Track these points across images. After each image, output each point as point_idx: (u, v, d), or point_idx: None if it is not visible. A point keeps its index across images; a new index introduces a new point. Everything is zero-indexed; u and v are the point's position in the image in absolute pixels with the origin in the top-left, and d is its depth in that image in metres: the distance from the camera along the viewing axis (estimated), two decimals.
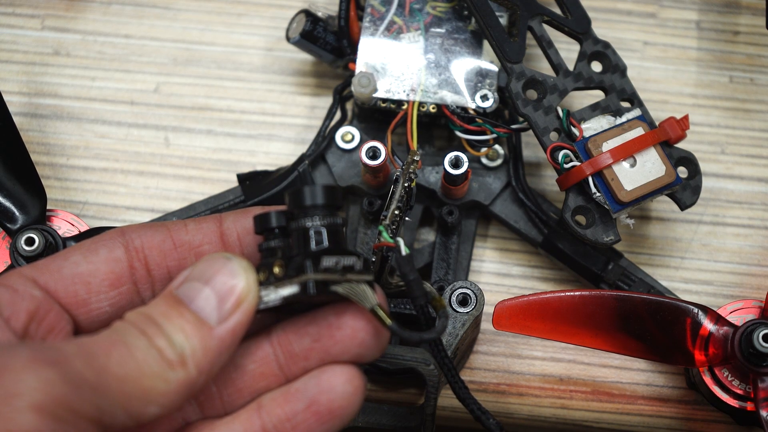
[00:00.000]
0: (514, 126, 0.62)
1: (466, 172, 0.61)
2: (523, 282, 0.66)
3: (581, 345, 0.59)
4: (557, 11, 0.63)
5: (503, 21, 0.62)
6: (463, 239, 0.65)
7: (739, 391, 0.59)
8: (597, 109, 0.61)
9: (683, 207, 0.61)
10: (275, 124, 0.69)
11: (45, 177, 0.64)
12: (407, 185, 0.53)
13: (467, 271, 0.65)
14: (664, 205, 0.66)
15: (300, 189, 0.43)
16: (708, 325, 0.57)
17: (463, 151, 0.61)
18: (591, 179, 0.59)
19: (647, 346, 0.58)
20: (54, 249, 0.61)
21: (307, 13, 0.65)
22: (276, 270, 0.43)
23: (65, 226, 0.63)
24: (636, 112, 0.61)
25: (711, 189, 0.67)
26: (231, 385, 0.45)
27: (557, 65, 0.62)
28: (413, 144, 0.62)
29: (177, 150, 0.68)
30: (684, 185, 0.61)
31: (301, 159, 0.64)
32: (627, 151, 0.59)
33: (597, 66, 0.62)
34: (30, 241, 0.60)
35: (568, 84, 0.61)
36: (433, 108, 0.63)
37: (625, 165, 0.59)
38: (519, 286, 0.66)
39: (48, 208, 0.62)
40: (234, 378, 0.45)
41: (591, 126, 0.60)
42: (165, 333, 0.41)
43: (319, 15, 0.65)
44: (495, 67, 0.63)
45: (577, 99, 0.67)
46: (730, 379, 0.59)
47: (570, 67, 0.62)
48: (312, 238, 0.43)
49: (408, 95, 0.63)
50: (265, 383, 0.45)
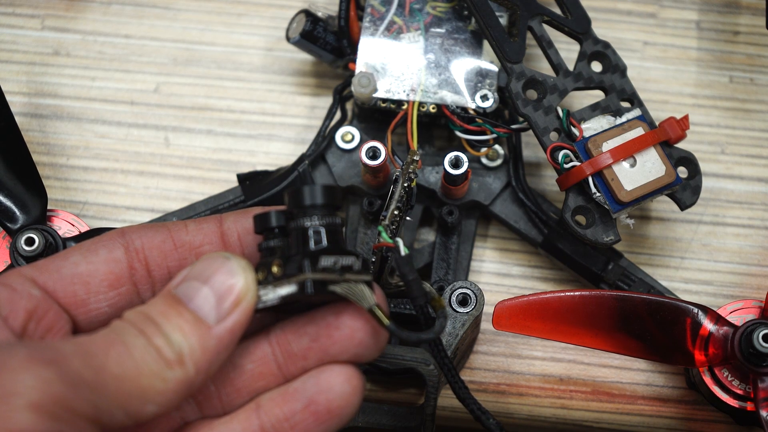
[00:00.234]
0: (514, 126, 0.62)
1: (466, 172, 0.61)
2: (523, 282, 0.66)
3: (581, 345, 0.59)
4: (557, 11, 0.63)
5: (503, 21, 0.62)
6: (463, 239, 0.65)
7: (739, 391, 0.59)
8: (597, 109, 0.61)
9: (683, 207, 0.61)
10: (275, 124, 0.69)
11: (45, 177, 0.64)
12: (407, 185, 0.53)
13: (467, 271, 0.65)
14: (664, 205, 0.66)
15: (299, 189, 0.43)
16: (708, 325, 0.57)
17: (463, 151, 0.61)
18: (591, 179, 0.59)
19: (647, 346, 0.58)
20: (54, 249, 0.61)
21: (307, 13, 0.65)
22: (274, 269, 0.43)
23: (65, 226, 0.63)
24: (636, 112, 0.61)
25: (711, 189, 0.67)
26: (229, 385, 0.45)
27: (557, 65, 0.62)
28: (413, 144, 0.62)
29: (177, 150, 0.68)
30: (684, 185, 0.61)
31: (301, 159, 0.64)
32: (627, 151, 0.59)
33: (597, 66, 0.62)
34: (30, 241, 0.60)
35: (568, 84, 0.61)
36: (433, 108, 0.63)
37: (625, 165, 0.59)
38: (519, 286, 0.66)
39: (48, 208, 0.62)
40: (232, 378, 0.45)
41: (591, 126, 0.60)
42: (163, 332, 0.41)
43: (319, 15, 0.65)
44: (495, 67, 0.63)
45: (577, 99, 0.67)
46: (730, 379, 0.59)
47: (570, 67, 0.62)
48: (311, 237, 0.43)
49: (408, 95, 0.63)
50: (264, 383, 0.45)
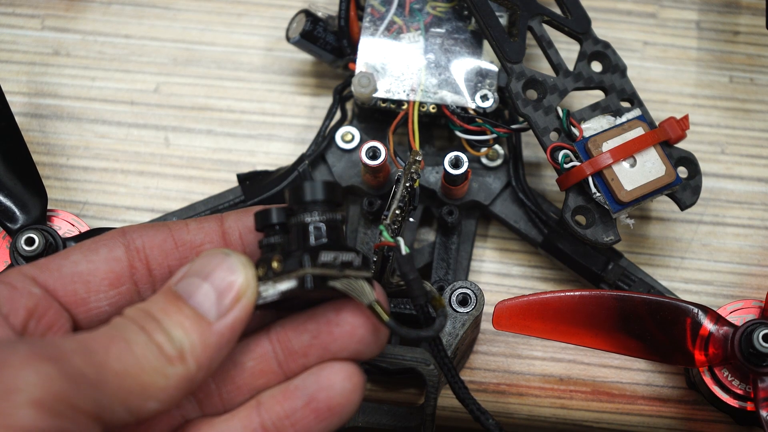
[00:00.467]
0: (514, 126, 0.62)
1: (466, 172, 0.61)
2: (523, 282, 0.66)
3: (581, 345, 0.59)
4: (557, 11, 0.63)
5: (503, 21, 0.62)
6: (463, 239, 0.65)
7: (739, 391, 0.59)
8: (597, 109, 0.61)
9: (683, 207, 0.61)
10: (275, 124, 0.69)
11: (45, 177, 0.64)
12: (409, 185, 0.53)
13: (467, 271, 0.65)
14: (664, 205, 0.66)
15: (300, 185, 0.43)
16: (708, 325, 0.57)
17: (463, 151, 0.61)
18: (591, 179, 0.59)
19: (647, 346, 0.58)
20: (54, 249, 0.61)
21: (307, 13, 0.65)
22: (274, 265, 0.43)
23: (65, 226, 0.63)
24: (636, 112, 0.61)
25: (711, 189, 0.67)
26: (230, 383, 0.45)
27: (557, 65, 0.62)
28: (415, 144, 0.62)
29: (177, 150, 0.68)
30: (684, 185, 0.61)
31: (301, 159, 0.64)
32: (627, 151, 0.59)
33: (597, 66, 0.62)
34: (30, 241, 0.60)
35: (568, 84, 0.61)
36: (433, 108, 0.63)
37: (625, 165, 0.59)
38: (519, 286, 0.66)
39: (48, 208, 0.62)
40: (233, 375, 0.45)
41: (591, 126, 0.60)
42: (164, 328, 0.41)
43: (319, 15, 0.65)
44: (495, 67, 0.63)
45: (577, 99, 0.67)
46: (730, 379, 0.59)
47: (570, 67, 0.62)
48: (311, 233, 0.43)
49: (408, 95, 0.63)
50: (264, 380, 0.45)
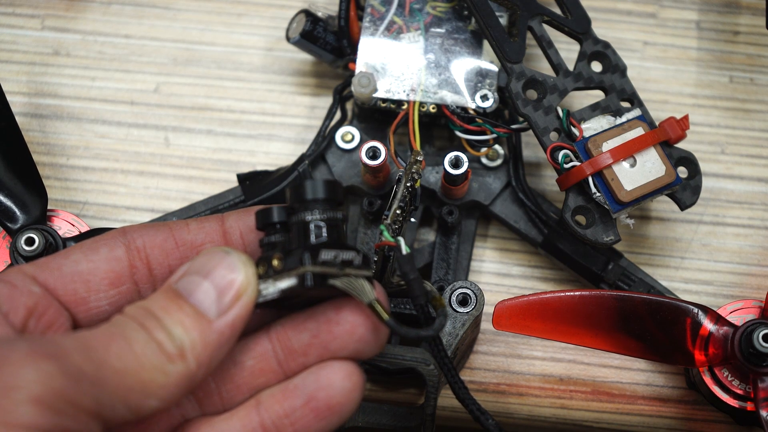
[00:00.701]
0: (514, 126, 0.62)
1: (466, 172, 0.61)
2: (523, 282, 0.66)
3: (581, 345, 0.59)
4: (557, 11, 0.63)
5: (503, 21, 0.62)
6: (463, 239, 0.65)
7: (739, 391, 0.59)
8: (597, 109, 0.61)
9: (683, 207, 0.61)
10: (275, 124, 0.69)
11: (45, 177, 0.64)
12: (410, 185, 0.53)
13: (467, 271, 0.65)
14: (664, 205, 0.66)
15: (301, 183, 0.44)
16: (708, 325, 0.57)
17: (463, 151, 0.61)
18: (591, 179, 0.59)
19: (647, 346, 0.58)
20: (54, 249, 0.61)
21: (307, 13, 0.65)
22: (275, 263, 0.43)
23: (66, 226, 0.63)
24: (636, 112, 0.61)
25: (711, 189, 0.67)
26: (230, 382, 0.45)
27: (557, 65, 0.62)
28: (416, 144, 0.62)
29: (177, 150, 0.68)
30: (684, 185, 0.61)
31: (301, 159, 0.64)
32: (627, 151, 0.59)
33: (597, 66, 0.62)
34: (30, 241, 0.60)
35: (568, 84, 0.61)
36: (433, 108, 0.63)
37: (625, 165, 0.59)
38: (519, 286, 0.66)
39: (48, 208, 0.62)
40: (233, 374, 0.45)
41: (591, 126, 0.60)
42: (164, 326, 0.41)
43: (319, 15, 0.65)
44: (495, 67, 0.63)
45: (577, 99, 0.67)
46: (730, 379, 0.59)
47: (570, 67, 0.62)
48: (312, 231, 0.43)
49: (408, 95, 0.63)
50: (264, 379, 0.45)
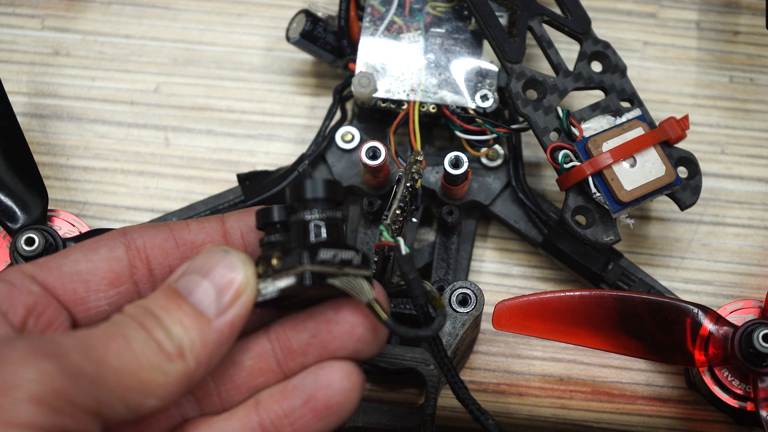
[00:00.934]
0: (514, 126, 0.62)
1: (466, 172, 0.61)
2: (523, 282, 0.66)
3: (581, 345, 0.59)
4: (557, 11, 0.63)
5: (503, 21, 0.62)
6: (463, 239, 0.65)
7: (739, 391, 0.59)
8: (597, 109, 0.61)
9: (683, 207, 0.61)
10: (275, 124, 0.69)
11: (45, 177, 0.64)
12: (410, 185, 0.53)
13: (467, 271, 0.65)
14: (664, 205, 0.66)
15: (301, 182, 0.44)
16: (708, 325, 0.57)
17: (463, 151, 0.61)
18: (591, 179, 0.58)
19: (647, 346, 0.58)
20: (54, 249, 0.61)
21: (307, 13, 0.65)
22: (274, 262, 0.43)
23: (66, 226, 0.63)
24: (636, 112, 0.61)
25: (711, 189, 0.67)
26: (229, 381, 0.45)
27: (557, 65, 0.62)
28: (417, 144, 0.62)
29: (177, 150, 0.68)
30: (684, 185, 0.61)
31: (301, 159, 0.64)
32: (627, 151, 0.59)
33: (597, 66, 0.62)
34: (30, 241, 0.60)
35: (568, 84, 0.61)
36: (433, 108, 0.63)
37: (625, 165, 0.59)
38: (519, 286, 0.66)
39: (49, 208, 0.62)
40: (232, 374, 0.45)
41: (591, 126, 0.60)
42: (163, 325, 0.41)
43: (319, 15, 0.65)
44: (495, 67, 0.63)
45: (577, 99, 0.67)
46: (730, 379, 0.59)
47: (570, 67, 0.62)
48: (311, 231, 0.43)
49: (408, 95, 0.63)
50: (263, 379, 0.45)
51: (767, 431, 0.56)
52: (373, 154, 0.60)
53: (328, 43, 0.65)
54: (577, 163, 0.59)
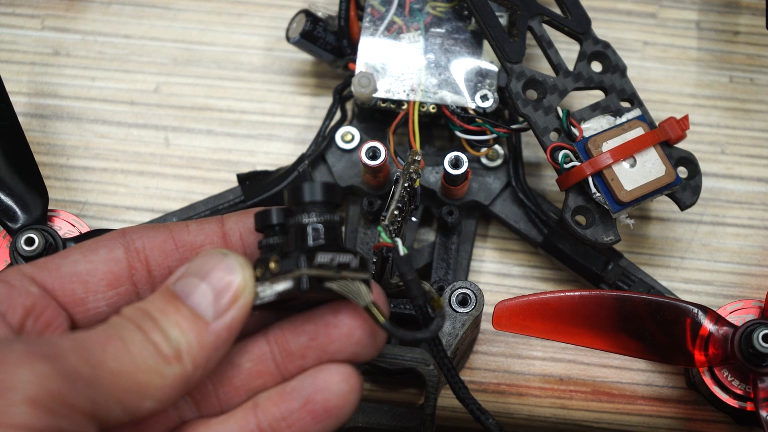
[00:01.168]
0: (514, 126, 0.62)
1: (466, 172, 0.61)
2: (523, 282, 0.66)
3: (581, 345, 0.59)
4: (557, 11, 0.63)
5: (503, 21, 0.62)
6: (463, 239, 0.65)
7: (739, 391, 0.59)
8: (597, 109, 0.61)
9: (683, 207, 0.61)
10: (275, 124, 0.69)
11: (45, 177, 0.64)
12: (408, 185, 0.53)
13: (467, 271, 0.65)
14: (664, 205, 0.66)
15: (299, 185, 0.44)
16: (708, 325, 0.57)
17: (463, 151, 0.61)
18: (591, 179, 0.58)
19: (647, 346, 0.58)
20: (54, 250, 0.61)
21: (307, 13, 0.65)
22: (272, 265, 0.43)
23: (66, 226, 0.63)
24: (636, 112, 0.61)
25: (711, 189, 0.67)
26: (227, 384, 0.45)
27: (557, 65, 0.62)
28: (416, 144, 0.62)
29: (177, 150, 0.68)
30: (684, 185, 0.61)
31: (301, 159, 0.64)
32: (627, 151, 0.59)
33: (597, 66, 0.62)
34: (30, 241, 0.60)
35: (568, 84, 0.61)
36: (433, 108, 0.63)
37: (625, 165, 0.59)
38: (519, 286, 0.66)
39: (49, 208, 0.62)
40: (230, 376, 0.45)
41: (591, 126, 0.60)
42: (161, 328, 0.41)
43: (319, 15, 0.65)
44: (495, 67, 0.63)
45: (577, 99, 0.67)
46: (730, 379, 0.59)
47: (570, 67, 0.62)
48: (309, 234, 0.43)
49: (408, 95, 0.63)
50: (262, 382, 0.45)
51: (767, 431, 0.56)
52: (373, 154, 0.60)
53: (328, 43, 0.65)
54: (577, 163, 0.59)
